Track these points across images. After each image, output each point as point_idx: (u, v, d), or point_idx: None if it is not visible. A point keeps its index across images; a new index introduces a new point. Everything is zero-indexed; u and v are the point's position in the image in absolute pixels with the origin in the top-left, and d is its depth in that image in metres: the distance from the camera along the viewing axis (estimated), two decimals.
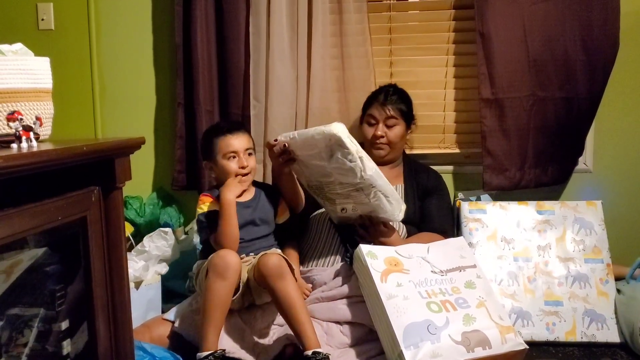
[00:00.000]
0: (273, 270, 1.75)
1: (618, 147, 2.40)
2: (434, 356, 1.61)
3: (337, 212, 2.01)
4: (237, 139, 1.94)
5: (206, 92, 2.42)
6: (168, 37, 2.53)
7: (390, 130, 2.21)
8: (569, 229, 2.10)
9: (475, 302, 1.75)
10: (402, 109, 2.22)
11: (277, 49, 2.34)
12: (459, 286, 1.80)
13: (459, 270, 1.86)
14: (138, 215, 2.46)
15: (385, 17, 2.48)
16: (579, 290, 2.01)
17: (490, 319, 1.71)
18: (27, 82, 1.32)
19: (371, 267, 1.79)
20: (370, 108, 2.24)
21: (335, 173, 1.85)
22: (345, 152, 1.77)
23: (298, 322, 1.73)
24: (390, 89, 2.25)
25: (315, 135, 1.81)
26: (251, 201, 1.98)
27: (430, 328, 1.65)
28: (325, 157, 1.83)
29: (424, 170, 2.31)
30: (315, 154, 1.85)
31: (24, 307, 1.34)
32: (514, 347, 1.68)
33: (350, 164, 1.79)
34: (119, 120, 2.63)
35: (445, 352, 1.62)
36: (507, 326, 1.71)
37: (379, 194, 1.87)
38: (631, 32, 2.30)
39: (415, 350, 1.61)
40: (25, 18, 2.59)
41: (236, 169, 1.92)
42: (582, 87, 2.26)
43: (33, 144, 1.22)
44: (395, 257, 1.85)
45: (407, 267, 1.83)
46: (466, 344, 1.64)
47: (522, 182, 2.33)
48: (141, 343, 1.74)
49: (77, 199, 1.26)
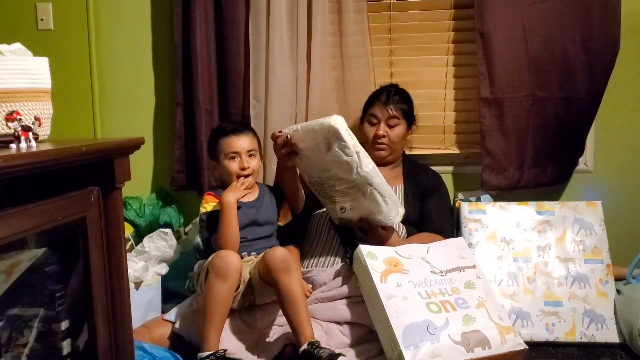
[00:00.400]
0: (279, 264, 1.75)
1: (618, 148, 2.40)
2: (434, 356, 1.61)
3: (337, 211, 2.01)
4: (240, 140, 1.95)
5: (205, 92, 2.42)
6: (167, 37, 2.53)
7: (391, 130, 2.21)
8: (569, 230, 2.10)
9: (475, 302, 1.75)
10: (404, 109, 2.22)
11: (276, 48, 2.34)
12: (459, 286, 1.80)
13: (458, 270, 1.86)
14: (138, 216, 2.45)
15: (386, 17, 2.48)
16: (578, 290, 2.01)
17: (490, 319, 1.71)
18: (26, 82, 1.32)
19: (371, 268, 1.78)
20: (372, 107, 2.24)
21: (333, 167, 1.86)
22: (342, 144, 1.79)
23: (298, 318, 1.73)
24: (392, 89, 2.25)
25: (315, 126, 1.84)
26: (255, 202, 1.99)
27: (430, 328, 1.65)
28: (324, 149, 1.84)
29: (424, 170, 2.30)
30: (315, 146, 1.87)
31: (23, 307, 1.33)
32: (513, 347, 1.68)
33: (347, 157, 1.80)
34: (118, 120, 2.63)
35: (444, 352, 1.62)
36: (507, 326, 1.71)
37: (374, 192, 1.87)
38: (632, 32, 2.30)
39: (415, 350, 1.61)
40: (24, 18, 2.59)
41: (237, 169, 1.93)
42: (582, 87, 2.26)
43: (32, 144, 1.22)
44: (394, 258, 1.85)
45: (407, 268, 1.83)
46: (466, 344, 1.64)
47: (521, 182, 2.33)
48: (141, 343, 1.74)
49: (76, 199, 1.26)
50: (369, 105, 2.26)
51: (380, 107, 2.21)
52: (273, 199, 2.04)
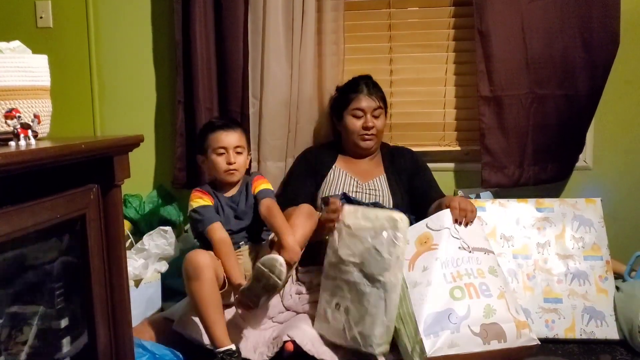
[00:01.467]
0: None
1: (618, 145, 2.40)
2: (452, 345, 1.64)
3: (329, 305, 1.85)
4: (228, 136, 1.99)
5: (206, 90, 2.42)
6: (167, 34, 2.53)
7: (377, 120, 2.23)
8: (568, 226, 2.10)
9: (497, 291, 1.75)
10: (383, 97, 2.26)
11: (272, 46, 2.34)
12: (484, 269, 1.80)
13: (484, 252, 1.86)
14: (137, 214, 2.45)
15: (385, 14, 2.48)
16: (578, 287, 2.01)
17: (509, 311, 1.72)
18: (25, 80, 1.32)
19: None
20: (356, 101, 2.23)
21: (367, 256, 1.77)
22: (394, 241, 1.73)
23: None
24: (369, 81, 2.26)
25: (379, 213, 1.81)
26: (237, 195, 2.03)
27: (452, 317, 1.68)
28: (371, 235, 1.78)
29: (399, 153, 2.32)
30: (364, 228, 1.81)
31: (23, 305, 1.34)
32: (527, 342, 1.70)
33: (387, 255, 1.73)
34: (118, 118, 2.63)
35: (462, 343, 1.64)
36: (523, 321, 1.73)
37: (381, 303, 1.72)
38: (632, 29, 2.30)
39: (435, 338, 1.64)
40: (23, 16, 2.59)
41: (224, 165, 1.98)
42: (582, 84, 2.26)
43: (31, 142, 1.22)
44: (426, 233, 1.86)
45: (436, 242, 1.83)
46: (483, 336, 1.66)
47: (521, 180, 2.34)
48: (141, 341, 1.74)
49: (75, 196, 1.26)
50: (350, 99, 2.24)
51: (366, 98, 2.22)
52: (250, 193, 2.04)
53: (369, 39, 2.51)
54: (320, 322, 1.86)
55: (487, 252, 1.86)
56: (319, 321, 1.87)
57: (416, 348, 1.66)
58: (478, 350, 1.65)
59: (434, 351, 1.63)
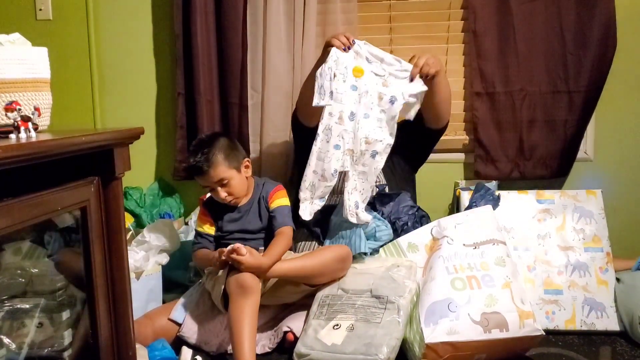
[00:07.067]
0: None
1: (619, 136, 2.40)
2: (451, 332, 1.64)
3: (322, 328, 1.76)
4: (204, 179, 1.93)
5: (206, 82, 2.42)
6: (167, 26, 2.52)
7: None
8: (569, 218, 2.10)
9: (501, 281, 1.76)
10: None
11: (274, 38, 2.33)
12: (489, 262, 1.81)
13: (492, 243, 1.87)
14: (138, 206, 2.46)
15: (386, 6, 2.47)
16: (578, 278, 2.01)
17: (512, 301, 1.72)
18: (25, 72, 1.31)
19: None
20: None
21: (380, 280, 1.82)
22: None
23: None
24: None
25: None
26: (245, 206, 2.00)
27: (451, 306, 1.69)
28: (388, 266, 1.88)
29: None
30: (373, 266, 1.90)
31: (24, 297, 1.34)
32: (530, 332, 1.70)
33: (402, 281, 1.80)
34: (118, 110, 2.62)
35: (462, 330, 1.65)
36: (528, 311, 1.72)
37: (394, 319, 1.71)
38: (631, 22, 2.29)
39: (434, 326, 1.66)
40: (23, 8, 2.58)
41: (220, 198, 1.95)
42: (575, 81, 2.29)
43: (31, 135, 1.22)
44: (432, 239, 1.94)
45: (441, 242, 1.87)
46: (484, 325, 1.66)
47: (512, 174, 2.39)
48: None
49: (76, 189, 1.26)
50: None
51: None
52: (263, 206, 2.00)
53: (369, 30, 2.49)
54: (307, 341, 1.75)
55: (497, 243, 1.87)
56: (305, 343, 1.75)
57: (416, 338, 1.67)
58: (478, 339, 1.65)
59: (433, 337, 1.63)
